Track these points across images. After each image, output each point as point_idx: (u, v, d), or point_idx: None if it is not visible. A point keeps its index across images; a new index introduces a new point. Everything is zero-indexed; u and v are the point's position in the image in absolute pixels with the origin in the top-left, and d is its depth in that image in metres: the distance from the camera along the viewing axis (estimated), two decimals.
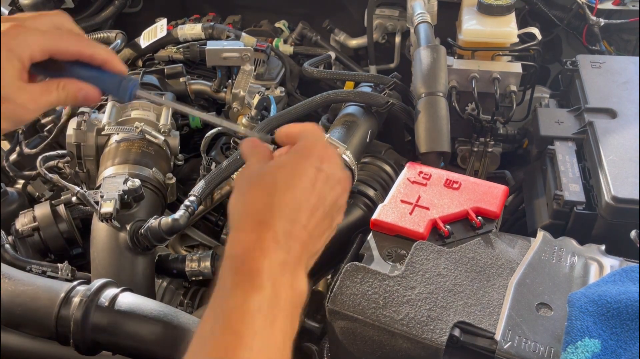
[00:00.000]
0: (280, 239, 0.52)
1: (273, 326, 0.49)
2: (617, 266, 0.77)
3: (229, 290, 0.49)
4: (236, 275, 0.50)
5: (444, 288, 0.75)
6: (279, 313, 0.49)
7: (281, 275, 0.51)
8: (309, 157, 0.57)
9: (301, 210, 0.55)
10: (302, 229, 0.54)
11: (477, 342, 0.70)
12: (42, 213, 1.12)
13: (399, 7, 1.72)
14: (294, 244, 0.53)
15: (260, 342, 0.47)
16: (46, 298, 0.76)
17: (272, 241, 0.52)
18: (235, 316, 0.48)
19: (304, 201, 0.55)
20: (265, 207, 0.53)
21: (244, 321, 0.47)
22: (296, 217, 0.54)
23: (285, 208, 0.54)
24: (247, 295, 0.48)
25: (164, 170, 1.16)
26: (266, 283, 0.49)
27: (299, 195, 0.55)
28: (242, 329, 0.47)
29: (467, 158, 1.34)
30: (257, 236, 0.52)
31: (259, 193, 0.55)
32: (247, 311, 0.48)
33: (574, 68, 1.24)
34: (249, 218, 0.53)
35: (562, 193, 0.97)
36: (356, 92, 1.22)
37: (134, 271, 1.00)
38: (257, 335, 0.47)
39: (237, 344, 0.46)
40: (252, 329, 0.47)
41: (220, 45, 1.39)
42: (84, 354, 0.75)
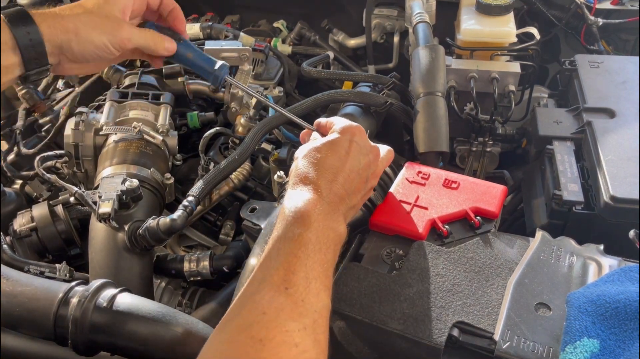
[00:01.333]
0: (324, 194, 0.71)
1: (320, 252, 0.65)
2: (616, 266, 0.77)
3: (288, 226, 0.67)
4: (293, 218, 0.68)
5: (443, 288, 0.75)
6: (323, 244, 0.66)
7: (324, 219, 0.69)
8: (344, 133, 0.78)
9: (338, 172, 0.74)
10: (340, 187, 0.73)
11: (475, 342, 0.70)
12: (40, 214, 1.12)
13: (397, 7, 1.72)
14: (333, 198, 0.72)
15: (311, 262, 0.64)
16: (44, 298, 0.75)
17: (317, 195, 0.71)
18: (293, 244, 0.65)
19: (341, 165, 0.74)
20: (313, 171, 0.73)
21: (300, 247, 0.64)
22: (334, 178, 0.73)
23: (326, 171, 0.73)
24: (301, 230, 0.66)
25: (162, 170, 1.16)
26: (314, 223, 0.67)
27: (337, 161, 0.75)
28: (298, 252, 0.64)
29: (465, 158, 1.34)
30: (307, 192, 0.71)
31: (308, 161, 0.75)
32: (302, 240, 0.65)
33: (572, 68, 1.24)
34: (302, 179, 0.73)
35: (560, 192, 0.97)
36: (355, 92, 1.22)
37: (132, 272, 1.00)
38: (309, 258, 0.64)
39: (295, 262, 0.63)
40: (305, 253, 0.64)
41: (218, 45, 1.39)
42: (82, 355, 0.74)
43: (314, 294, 0.62)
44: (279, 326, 0.58)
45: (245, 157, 1.09)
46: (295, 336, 0.57)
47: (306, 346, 0.58)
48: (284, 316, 0.58)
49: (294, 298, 0.60)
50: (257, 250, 0.88)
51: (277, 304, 0.59)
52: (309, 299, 0.61)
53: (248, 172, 1.22)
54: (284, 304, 0.59)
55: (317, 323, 0.60)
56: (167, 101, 1.26)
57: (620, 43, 1.55)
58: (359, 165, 0.77)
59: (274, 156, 1.21)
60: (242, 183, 1.22)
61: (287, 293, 0.60)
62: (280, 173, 1.05)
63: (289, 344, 0.57)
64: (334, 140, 0.77)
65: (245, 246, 1.11)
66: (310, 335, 0.59)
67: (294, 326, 0.58)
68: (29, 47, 0.74)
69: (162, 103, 1.25)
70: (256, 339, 0.56)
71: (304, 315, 0.60)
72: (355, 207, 0.78)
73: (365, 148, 0.79)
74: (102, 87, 1.45)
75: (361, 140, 0.79)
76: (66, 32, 0.76)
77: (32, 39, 0.74)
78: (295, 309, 0.60)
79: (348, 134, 0.78)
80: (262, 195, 1.28)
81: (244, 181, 1.22)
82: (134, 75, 1.37)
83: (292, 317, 0.59)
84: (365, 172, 0.78)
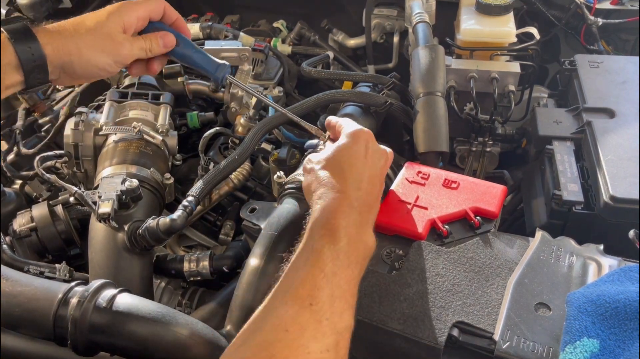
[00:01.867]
0: (353, 204, 0.70)
1: (348, 268, 0.64)
2: (616, 265, 0.77)
3: (317, 239, 0.65)
4: (322, 229, 0.66)
5: (443, 287, 0.75)
6: (352, 260, 0.65)
7: (355, 232, 0.67)
8: (358, 139, 0.77)
9: (362, 180, 0.73)
10: (367, 195, 0.73)
11: (475, 342, 0.70)
12: (39, 214, 1.12)
13: (397, 7, 1.72)
14: (363, 207, 0.70)
15: (338, 279, 0.62)
16: (44, 298, 0.75)
17: (347, 206, 0.69)
18: (320, 258, 0.63)
19: (363, 173, 0.74)
20: (340, 181, 0.72)
21: (327, 262, 0.63)
22: (360, 186, 0.72)
23: (353, 180, 0.72)
24: (330, 243, 0.64)
25: (162, 170, 1.16)
26: (344, 237, 0.65)
27: (360, 169, 0.74)
28: (325, 268, 0.62)
29: (465, 158, 1.34)
30: (338, 202, 0.69)
31: (331, 170, 0.74)
32: (330, 255, 0.64)
33: (572, 68, 1.24)
34: (329, 189, 0.71)
35: (560, 192, 0.97)
36: (355, 92, 1.22)
37: (132, 272, 1.00)
38: (336, 275, 0.62)
39: (322, 278, 0.62)
40: (332, 269, 0.63)
41: (218, 45, 1.39)
42: (82, 355, 0.74)
43: (338, 314, 0.60)
44: (302, 346, 0.56)
45: (245, 157, 1.09)
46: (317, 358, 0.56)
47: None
48: (307, 336, 0.57)
49: (317, 316, 0.59)
50: (257, 250, 0.88)
51: (301, 321, 0.58)
52: (333, 319, 0.59)
53: (248, 172, 1.22)
54: (308, 322, 0.58)
55: (339, 345, 0.59)
56: (167, 101, 1.26)
57: (620, 43, 1.55)
58: (377, 169, 0.77)
59: (273, 156, 1.21)
60: (242, 183, 1.22)
61: (312, 310, 0.59)
62: (280, 173, 1.05)
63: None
64: (350, 147, 0.76)
65: (245, 247, 1.10)
66: (333, 357, 0.57)
67: (316, 347, 0.57)
68: (32, 66, 0.74)
69: (162, 103, 1.25)
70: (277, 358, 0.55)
71: (327, 335, 0.58)
72: (376, 214, 0.77)
73: (378, 152, 0.80)
74: (101, 87, 1.45)
75: (374, 144, 0.79)
76: (69, 54, 0.76)
77: (35, 57, 0.74)
78: (318, 328, 0.58)
79: (362, 139, 0.77)
80: (262, 195, 1.28)
81: (243, 181, 1.22)
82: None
83: (315, 337, 0.57)
84: (382, 176, 0.79)
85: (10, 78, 0.74)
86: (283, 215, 0.92)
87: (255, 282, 0.84)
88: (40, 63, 0.75)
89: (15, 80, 0.75)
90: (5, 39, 0.74)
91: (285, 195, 0.98)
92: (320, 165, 0.76)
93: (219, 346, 0.75)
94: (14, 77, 0.74)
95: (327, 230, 0.66)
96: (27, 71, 0.74)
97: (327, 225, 0.67)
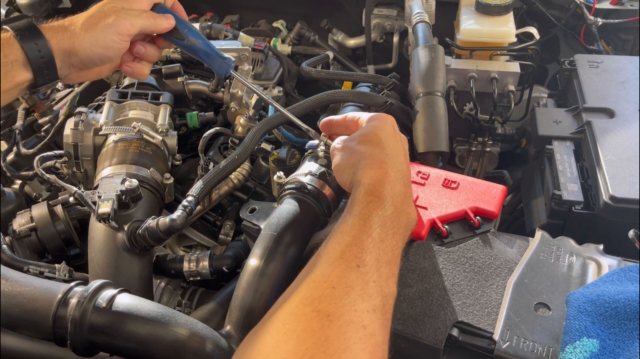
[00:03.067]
0: (397, 175, 0.70)
1: (393, 237, 0.64)
2: (616, 265, 0.77)
3: (364, 206, 0.65)
4: (369, 196, 0.66)
5: (442, 287, 0.75)
6: (397, 229, 0.65)
7: (400, 202, 0.68)
8: (386, 120, 0.79)
9: (399, 154, 0.74)
10: (405, 166, 0.74)
11: (475, 342, 0.70)
12: (39, 214, 1.12)
13: (397, 7, 1.72)
14: (405, 179, 0.72)
15: (384, 245, 0.62)
16: (43, 299, 0.75)
17: (393, 176, 0.69)
18: (368, 223, 0.63)
19: (398, 148, 0.75)
20: (381, 153, 0.72)
21: (375, 228, 0.63)
22: (398, 159, 0.73)
23: (392, 154, 0.73)
24: (378, 210, 0.65)
25: (161, 170, 1.16)
26: (389, 206, 0.66)
27: (394, 144, 0.75)
28: (373, 232, 0.62)
29: (465, 158, 1.34)
30: (383, 171, 0.69)
31: (371, 144, 0.74)
32: (378, 221, 0.64)
33: (571, 67, 1.24)
34: (373, 160, 0.71)
35: (560, 192, 0.97)
36: (354, 92, 1.22)
37: (132, 272, 1.00)
38: (382, 241, 0.62)
39: (369, 242, 0.61)
40: (379, 235, 0.62)
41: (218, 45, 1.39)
42: (81, 355, 0.74)
43: (384, 278, 0.59)
44: (349, 304, 0.54)
45: (245, 157, 1.09)
46: (364, 317, 0.54)
47: (374, 329, 0.54)
48: (354, 295, 0.55)
49: (365, 277, 0.57)
50: (257, 250, 0.88)
51: (348, 281, 0.56)
52: (379, 282, 0.58)
53: (247, 171, 1.22)
54: (355, 282, 0.56)
55: (385, 308, 0.57)
56: (167, 101, 1.26)
57: (620, 43, 1.55)
58: (405, 150, 0.78)
59: (273, 156, 1.21)
60: (241, 183, 1.22)
61: (359, 271, 0.57)
62: (280, 173, 1.05)
63: (357, 325, 0.53)
64: (381, 125, 0.77)
65: (245, 246, 1.10)
66: (380, 319, 0.55)
67: (363, 306, 0.55)
68: (39, 62, 0.75)
69: (162, 103, 1.25)
70: (323, 313, 0.53)
71: (374, 297, 0.56)
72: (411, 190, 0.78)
73: (401, 135, 0.80)
74: (101, 87, 1.45)
75: (397, 127, 0.80)
76: (72, 43, 0.77)
77: (42, 53, 0.75)
78: (365, 289, 0.56)
79: (389, 120, 0.79)
80: (261, 195, 1.28)
81: (243, 181, 1.22)
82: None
83: (362, 296, 0.55)
84: (407, 154, 0.79)
85: (20, 76, 0.74)
86: (283, 215, 0.92)
87: (255, 282, 0.84)
88: (48, 60, 0.75)
89: (24, 77, 0.75)
90: (11, 37, 0.74)
91: (285, 195, 0.98)
92: (356, 141, 0.76)
93: (218, 347, 0.75)
94: (23, 74, 0.75)
95: (374, 197, 0.66)
96: (35, 68, 0.75)
97: (375, 191, 0.67)
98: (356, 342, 0.52)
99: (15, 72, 0.74)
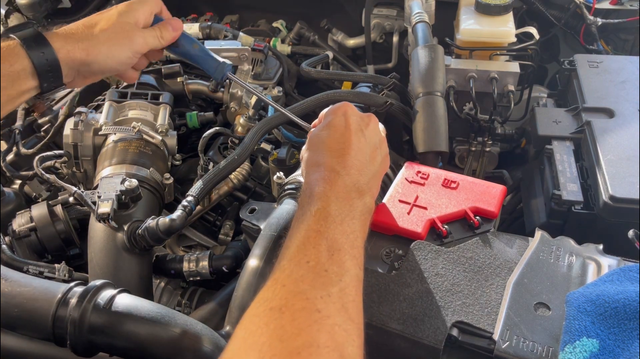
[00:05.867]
0: (339, 171, 0.71)
1: (342, 223, 0.66)
2: (615, 265, 0.77)
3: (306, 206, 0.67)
4: (307, 198, 0.69)
5: (442, 287, 0.75)
6: (346, 215, 0.67)
7: (344, 192, 0.69)
8: (336, 112, 0.80)
9: (346, 147, 0.75)
10: (353, 159, 0.74)
11: (475, 342, 0.70)
12: (39, 214, 1.12)
13: (396, 7, 1.72)
14: (350, 171, 0.72)
15: (332, 234, 0.64)
16: (43, 299, 0.75)
17: (332, 173, 0.71)
18: (312, 220, 0.65)
19: (346, 140, 0.76)
20: (320, 154, 0.75)
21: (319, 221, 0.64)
22: (343, 153, 0.74)
23: (334, 150, 0.74)
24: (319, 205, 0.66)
25: (161, 170, 1.16)
26: (332, 197, 0.68)
27: (340, 137, 0.76)
28: (318, 227, 0.64)
29: (465, 158, 1.34)
30: (319, 173, 0.72)
31: (313, 149, 0.77)
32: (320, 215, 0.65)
33: (571, 67, 1.24)
34: (313, 164, 0.74)
35: (560, 192, 0.97)
36: (354, 92, 1.22)
37: (132, 272, 1.00)
38: (330, 230, 0.64)
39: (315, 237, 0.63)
40: (325, 226, 0.64)
41: (217, 45, 1.39)
42: (81, 355, 0.74)
43: (338, 264, 0.60)
44: (299, 294, 0.56)
45: (245, 157, 1.09)
46: (317, 303, 0.55)
47: (329, 311, 0.55)
48: (304, 286, 0.57)
49: (316, 269, 0.59)
50: (256, 250, 0.88)
51: (297, 276, 0.58)
52: (333, 270, 0.59)
53: (247, 171, 1.22)
54: (305, 276, 0.58)
55: (344, 292, 0.58)
56: (166, 101, 1.26)
57: (620, 43, 1.55)
58: (362, 134, 0.78)
59: (273, 156, 1.21)
60: (241, 183, 1.22)
61: (308, 266, 0.59)
62: (280, 173, 1.05)
63: (310, 310, 0.55)
64: (329, 121, 0.79)
65: (244, 247, 1.10)
66: (336, 302, 0.57)
67: (315, 293, 0.56)
68: (46, 71, 0.76)
69: (161, 103, 1.25)
70: (275, 309, 0.55)
71: (328, 284, 0.58)
72: (376, 175, 0.79)
73: (359, 118, 0.80)
74: (101, 86, 1.45)
75: (354, 112, 0.81)
76: (86, 54, 0.79)
77: (49, 62, 0.76)
78: (317, 279, 0.58)
79: (339, 111, 0.80)
80: (261, 195, 1.28)
81: (243, 181, 1.22)
82: None
83: (314, 286, 0.57)
84: (372, 138, 0.80)
85: (26, 84, 0.76)
86: (283, 215, 0.92)
87: (254, 282, 0.84)
88: (55, 68, 0.76)
89: (30, 85, 0.76)
90: (17, 46, 0.75)
91: (285, 195, 0.98)
92: (302, 151, 0.81)
93: (218, 347, 0.75)
94: (28, 82, 0.76)
95: (310, 198, 0.68)
96: (41, 76, 0.76)
97: (309, 192, 0.69)
98: (311, 325, 0.53)
99: (22, 81, 0.75)
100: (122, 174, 1.07)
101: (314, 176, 0.72)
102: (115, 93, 1.26)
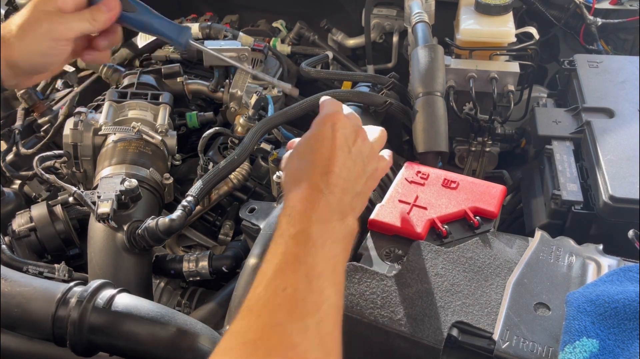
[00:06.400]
0: (321, 189, 0.66)
1: (323, 247, 0.61)
2: (615, 265, 0.77)
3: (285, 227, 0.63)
4: (289, 217, 0.64)
5: (442, 287, 0.75)
6: (328, 239, 0.62)
7: (327, 213, 0.64)
8: (324, 122, 0.71)
9: (330, 163, 0.68)
10: (337, 177, 0.68)
11: (475, 342, 0.70)
12: (38, 214, 1.12)
13: (396, 7, 1.72)
14: (333, 189, 0.67)
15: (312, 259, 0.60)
16: (43, 299, 0.75)
17: (314, 192, 0.66)
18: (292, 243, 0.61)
19: (330, 155, 0.69)
20: (303, 169, 0.68)
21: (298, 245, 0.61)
22: (328, 169, 0.67)
23: (317, 166, 0.68)
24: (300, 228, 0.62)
25: (161, 170, 1.16)
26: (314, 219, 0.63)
27: (325, 151, 0.69)
28: (297, 251, 0.60)
29: (464, 158, 1.34)
30: (303, 190, 0.66)
31: (294, 161, 0.71)
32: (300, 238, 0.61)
33: (571, 67, 1.24)
34: (294, 181, 0.68)
35: (559, 192, 0.97)
36: (354, 91, 1.22)
37: (131, 272, 1.00)
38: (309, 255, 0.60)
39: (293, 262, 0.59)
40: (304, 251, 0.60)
41: (217, 45, 1.39)
42: (81, 355, 0.74)
43: (316, 292, 0.57)
44: (275, 327, 0.53)
45: (245, 157, 1.09)
46: (294, 337, 0.53)
47: (306, 346, 0.53)
48: (280, 318, 0.54)
49: (293, 298, 0.56)
50: (256, 250, 0.88)
51: (273, 306, 0.55)
52: (311, 299, 0.57)
53: (247, 171, 1.22)
54: (282, 305, 0.55)
55: (323, 323, 0.56)
56: (166, 101, 1.26)
57: (619, 43, 1.55)
58: (348, 149, 0.71)
59: (273, 156, 1.21)
60: (241, 183, 1.22)
61: (285, 294, 0.56)
62: (280, 173, 1.05)
63: (285, 346, 0.52)
64: (314, 133, 0.72)
65: (244, 247, 1.10)
66: (314, 337, 0.54)
67: (292, 326, 0.54)
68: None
69: (161, 103, 1.25)
70: (249, 343, 0.52)
71: (306, 315, 0.55)
72: (361, 194, 0.72)
73: (349, 130, 0.72)
74: (101, 86, 1.45)
75: (343, 124, 0.72)
76: (9, 55, 0.74)
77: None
78: (294, 310, 0.55)
79: (328, 122, 0.71)
80: (261, 195, 1.28)
81: (243, 181, 1.22)
82: (133, 75, 1.37)
83: (290, 317, 0.54)
84: (359, 154, 0.72)
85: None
86: None
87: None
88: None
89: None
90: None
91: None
92: (283, 165, 0.74)
93: None
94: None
95: (290, 217, 0.64)
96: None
97: (289, 211, 0.64)
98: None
99: None
100: (122, 174, 1.07)
101: (295, 192, 0.67)
102: (115, 93, 1.26)
